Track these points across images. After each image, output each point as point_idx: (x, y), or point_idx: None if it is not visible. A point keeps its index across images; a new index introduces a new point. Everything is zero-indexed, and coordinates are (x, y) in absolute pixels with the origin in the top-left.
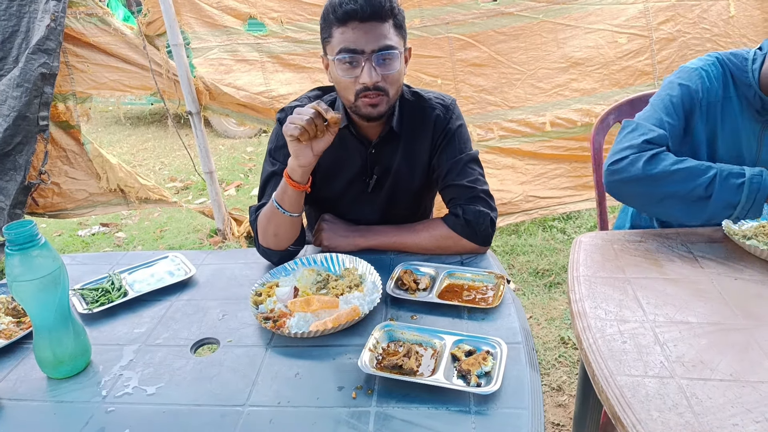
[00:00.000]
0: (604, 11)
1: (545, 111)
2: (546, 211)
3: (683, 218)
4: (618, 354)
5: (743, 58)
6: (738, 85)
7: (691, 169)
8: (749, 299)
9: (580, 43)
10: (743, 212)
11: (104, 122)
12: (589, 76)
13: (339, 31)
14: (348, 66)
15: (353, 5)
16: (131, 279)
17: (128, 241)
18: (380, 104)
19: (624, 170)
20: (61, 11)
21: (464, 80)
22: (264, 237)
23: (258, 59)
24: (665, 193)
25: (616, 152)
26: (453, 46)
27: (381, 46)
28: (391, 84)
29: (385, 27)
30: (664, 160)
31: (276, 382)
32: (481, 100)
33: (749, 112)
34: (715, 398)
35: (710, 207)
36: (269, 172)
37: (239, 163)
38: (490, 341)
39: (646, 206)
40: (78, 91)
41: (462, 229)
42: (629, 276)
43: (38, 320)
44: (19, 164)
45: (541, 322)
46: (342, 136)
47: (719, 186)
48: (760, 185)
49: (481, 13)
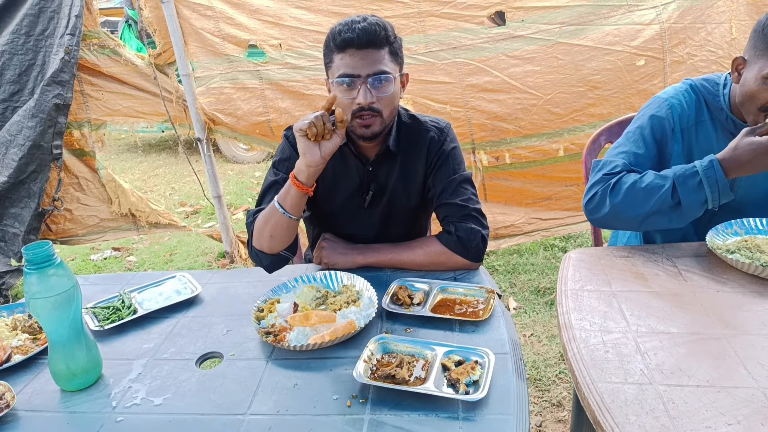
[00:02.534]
0: (621, 31)
1: (560, 137)
2: (548, 233)
3: (672, 226)
4: (600, 362)
5: (714, 83)
6: (711, 109)
7: (648, 185)
8: (729, 310)
9: (598, 65)
10: (715, 203)
11: (117, 150)
12: (607, 100)
13: (339, 57)
14: (346, 88)
15: (351, 34)
16: (140, 297)
17: (139, 265)
18: (373, 125)
19: (597, 209)
20: (75, 45)
21: (476, 107)
22: (259, 238)
23: (258, 86)
24: (641, 215)
25: (586, 192)
26: (462, 71)
27: (376, 70)
28: (385, 105)
29: (381, 54)
30: (624, 183)
31: (275, 393)
32: (494, 127)
33: (723, 134)
34: (690, 403)
35: (685, 211)
36: (271, 181)
37: (247, 187)
38: (478, 351)
39: (635, 229)
40: (93, 118)
41: (455, 245)
42: (615, 289)
43: (53, 335)
44: (33, 192)
45: (542, 339)
46: (342, 152)
47: (682, 191)
48: (716, 177)
49: (489, 38)
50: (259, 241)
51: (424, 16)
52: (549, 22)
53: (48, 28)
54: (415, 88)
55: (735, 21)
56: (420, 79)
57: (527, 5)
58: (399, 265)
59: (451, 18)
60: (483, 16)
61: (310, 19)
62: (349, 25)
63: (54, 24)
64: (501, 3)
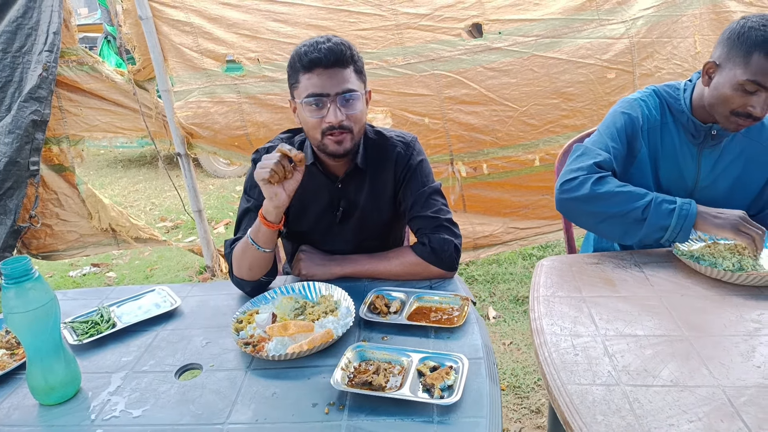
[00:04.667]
0: (593, 45)
1: (535, 148)
2: (525, 241)
3: (622, 238)
4: (570, 365)
5: (675, 88)
6: (674, 113)
7: (630, 192)
8: (693, 313)
9: (571, 78)
10: (673, 235)
11: (96, 165)
12: (580, 112)
13: (306, 77)
14: (315, 108)
15: (318, 54)
16: (119, 311)
17: (119, 281)
18: (345, 141)
19: (575, 189)
20: (53, 61)
21: (454, 118)
22: (238, 269)
23: (236, 100)
24: (608, 213)
25: (568, 172)
26: (440, 84)
27: (344, 89)
28: (354, 122)
29: (347, 72)
30: (609, 182)
31: (254, 402)
32: (472, 138)
33: (686, 136)
34: (655, 402)
35: (645, 228)
36: (244, 209)
37: (228, 201)
38: (452, 357)
39: (591, 225)
40: (71, 133)
41: (429, 256)
42: (585, 295)
43: (31, 350)
44: (9, 209)
45: (521, 347)
46: (311, 172)
47: (654, 210)
48: (688, 213)
49: (467, 49)
50: (239, 272)
51: (401, 29)
52: (525, 35)
53: (26, 44)
54: (393, 100)
55: (698, 36)
56: (398, 92)
57: (503, 18)
58: (376, 275)
59: (429, 30)
60: (460, 29)
61: (287, 31)
62: (314, 45)
63: (32, 41)
64: (478, 15)
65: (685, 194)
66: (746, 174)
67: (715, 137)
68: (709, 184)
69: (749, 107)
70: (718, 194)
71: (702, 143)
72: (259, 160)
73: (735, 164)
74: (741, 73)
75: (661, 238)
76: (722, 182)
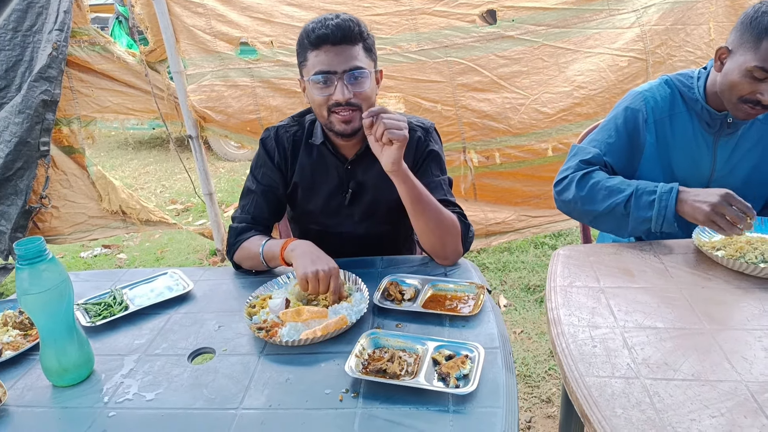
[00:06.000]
0: (602, 35)
1: (549, 136)
2: (538, 229)
3: (618, 232)
4: (588, 357)
5: (689, 77)
6: (687, 101)
7: (611, 187)
8: (714, 305)
9: (581, 67)
10: (657, 226)
11: (107, 147)
12: (593, 99)
13: (313, 55)
14: (322, 85)
15: (325, 30)
16: (132, 294)
17: (129, 263)
18: (353, 120)
19: (563, 191)
20: (63, 40)
21: (466, 105)
22: (240, 261)
23: (249, 84)
24: (597, 212)
25: (559, 173)
26: (453, 71)
27: (351, 66)
28: (363, 100)
29: (355, 50)
30: (593, 178)
31: (267, 387)
32: (484, 126)
33: (701, 125)
34: (676, 396)
35: (630, 222)
36: (248, 189)
37: (238, 185)
38: (468, 346)
39: (589, 222)
40: (82, 114)
41: (464, 228)
42: (603, 286)
43: (45, 331)
44: (20, 189)
45: (532, 336)
46: (320, 152)
47: (634, 203)
48: (668, 203)
49: (480, 36)
50: (240, 263)
51: (416, 14)
52: (537, 24)
53: (36, 23)
54: (406, 86)
55: (713, 22)
56: (412, 78)
57: (518, 4)
58: (419, 201)
59: (443, 16)
60: (475, 15)
61: (301, 16)
62: (323, 22)
63: (42, 20)
64: (493, 1)
65: (701, 184)
66: (764, 162)
67: (731, 125)
68: (726, 174)
69: (758, 94)
70: (735, 183)
71: (718, 132)
72: (267, 139)
73: (753, 152)
74: (750, 59)
75: (649, 229)
76: (740, 171)
